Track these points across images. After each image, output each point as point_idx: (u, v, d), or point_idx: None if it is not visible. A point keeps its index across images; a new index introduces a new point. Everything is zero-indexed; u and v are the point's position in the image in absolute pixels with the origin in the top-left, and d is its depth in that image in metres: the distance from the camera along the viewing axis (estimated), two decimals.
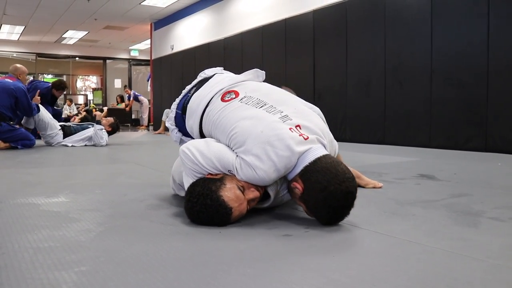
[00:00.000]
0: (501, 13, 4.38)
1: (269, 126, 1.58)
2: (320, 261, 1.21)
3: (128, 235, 1.49)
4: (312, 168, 1.52)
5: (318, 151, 1.56)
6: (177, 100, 2.13)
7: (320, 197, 1.48)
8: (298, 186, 1.54)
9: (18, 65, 5.78)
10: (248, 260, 1.22)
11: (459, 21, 4.74)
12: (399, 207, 1.90)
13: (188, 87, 2.13)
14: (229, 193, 1.53)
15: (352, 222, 1.61)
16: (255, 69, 2.09)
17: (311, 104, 2.19)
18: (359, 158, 3.93)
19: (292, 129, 1.58)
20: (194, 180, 1.63)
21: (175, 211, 1.81)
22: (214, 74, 2.12)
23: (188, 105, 1.99)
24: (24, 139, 5.36)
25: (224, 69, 2.27)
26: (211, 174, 1.62)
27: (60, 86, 6.53)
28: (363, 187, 2.39)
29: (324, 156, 1.55)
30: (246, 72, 2.08)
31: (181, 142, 2.13)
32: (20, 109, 5.28)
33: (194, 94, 1.99)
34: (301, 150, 1.54)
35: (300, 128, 1.60)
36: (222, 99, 1.82)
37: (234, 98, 1.80)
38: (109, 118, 6.13)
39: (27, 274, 1.11)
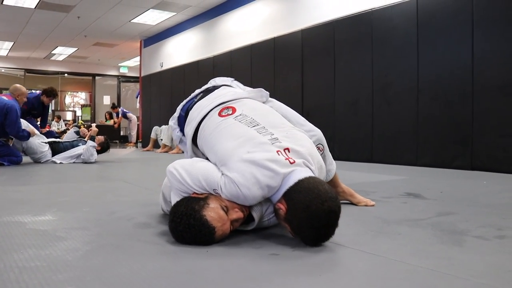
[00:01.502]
0: (485, 34, 4.48)
1: (256, 147, 1.61)
2: (306, 281, 1.22)
3: (115, 254, 1.49)
4: (295, 189, 1.53)
5: (302, 173, 1.57)
6: (184, 102, 2.18)
7: (303, 217, 1.49)
8: (282, 207, 1.55)
9: (18, 85, 5.73)
10: (234, 279, 1.23)
11: (445, 42, 4.83)
12: (386, 226, 1.91)
13: (196, 91, 2.19)
14: (212, 212, 1.53)
15: (338, 241, 1.62)
16: (260, 88, 2.12)
17: (313, 127, 2.21)
18: (347, 176, 3.94)
19: (279, 152, 1.59)
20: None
21: (163, 230, 1.80)
22: (222, 85, 2.19)
23: (190, 112, 2.04)
24: (10, 155, 5.33)
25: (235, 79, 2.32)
26: (196, 194, 1.63)
27: (51, 92, 6.50)
28: (355, 204, 2.41)
29: (308, 178, 1.55)
30: (250, 89, 2.13)
31: (181, 141, 2.19)
32: (7, 125, 5.24)
33: (197, 102, 2.05)
34: (285, 172, 1.55)
35: (289, 151, 1.62)
36: (220, 114, 1.86)
37: (230, 114, 1.84)
38: (99, 136, 6.07)
39: None
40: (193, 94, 2.19)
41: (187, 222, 1.52)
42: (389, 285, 1.18)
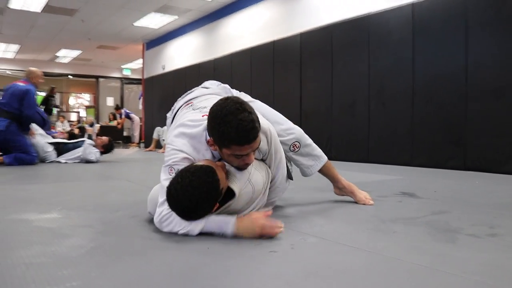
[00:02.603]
0: (478, 39, 4.48)
1: (187, 117, 1.81)
2: (304, 277, 1.22)
3: (119, 251, 1.49)
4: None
5: None
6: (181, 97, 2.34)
7: (217, 121, 1.57)
8: (209, 140, 1.66)
9: (32, 68, 5.73)
10: (234, 275, 1.23)
11: (439, 46, 4.84)
12: (381, 224, 1.92)
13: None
14: (198, 163, 1.65)
15: (335, 239, 1.63)
16: (225, 85, 2.34)
17: (292, 125, 2.29)
18: (344, 176, 3.93)
19: (205, 116, 1.74)
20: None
21: None
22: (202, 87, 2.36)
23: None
24: (24, 151, 5.27)
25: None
26: None
27: None
28: (356, 202, 2.42)
29: None
30: (216, 86, 2.31)
31: None
32: (25, 107, 5.26)
33: (178, 101, 2.23)
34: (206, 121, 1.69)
35: None
36: (181, 108, 2.09)
37: (187, 106, 2.05)
38: (104, 138, 6.07)
39: None
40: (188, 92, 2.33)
41: (188, 176, 1.56)
42: (385, 281, 1.19)
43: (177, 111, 2.11)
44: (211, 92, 2.19)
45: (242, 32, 8.20)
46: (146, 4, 8.68)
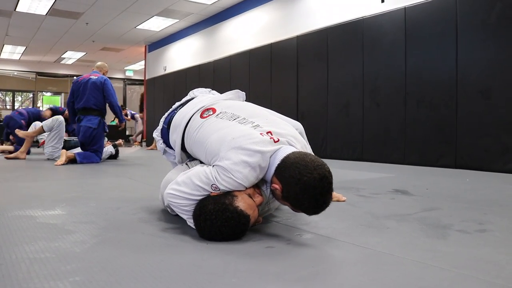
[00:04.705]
0: (468, 42, 4.49)
1: (240, 133, 1.61)
2: (300, 272, 1.22)
3: (121, 246, 1.48)
4: (283, 165, 1.52)
5: (287, 149, 1.57)
6: (165, 115, 2.18)
7: (297, 190, 1.46)
8: (277, 186, 1.53)
9: (102, 62, 5.82)
10: (232, 270, 1.23)
11: (431, 48, 4.84)
12: (375, 220, 1.92)
13: (176, 104, 2.19)
14: (243, 202, 1.53)
15: (330, 235, 1.63)
16: (236, 90, 2.15)
17: (295, 121, 2.22)
18: (339, 174, 3.95)
19: (262, 134, 1.60)
20: (191, 210, 1.61)
21: (165, 224, 1.80)
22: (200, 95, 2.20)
23: (173, 121, 2.04)
24: (96, 151, 5.27)
25: (212, 89, 2.32)
26: (214, 193, 1.58)
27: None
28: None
29: (293, 152, 1.55)
30: (227, 92, 2.14)
31: (165, 152, 2.20)
32: (107, 96, 5.31)
33: (178, 111, 2.05)
34: (271, 149, 1.56)
35: (272, 134, 1.63)
36: (201, 116, 1.86)
37: (211, 114, 1.84)
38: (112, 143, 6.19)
39: (23, 284, 1.10)
40: (174, 107, 2.18)
41: (224, 217, 1.49)
42: (378, 276, 1.18)
43: (189, 119, 1.90)
44: (225, 98, 2.05)
45: (241, 35, 8.19)
46: (149, 8, 8.67)
